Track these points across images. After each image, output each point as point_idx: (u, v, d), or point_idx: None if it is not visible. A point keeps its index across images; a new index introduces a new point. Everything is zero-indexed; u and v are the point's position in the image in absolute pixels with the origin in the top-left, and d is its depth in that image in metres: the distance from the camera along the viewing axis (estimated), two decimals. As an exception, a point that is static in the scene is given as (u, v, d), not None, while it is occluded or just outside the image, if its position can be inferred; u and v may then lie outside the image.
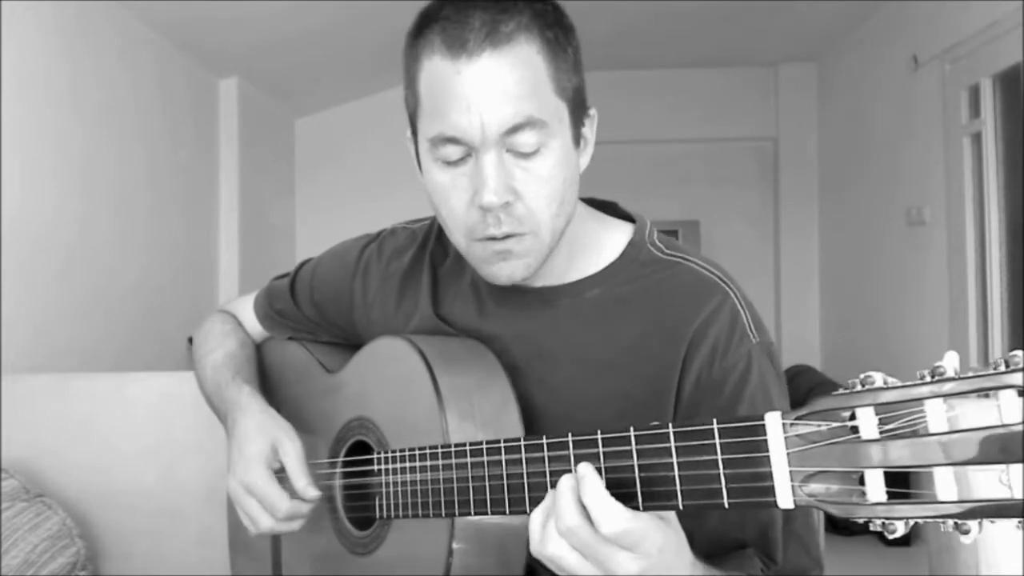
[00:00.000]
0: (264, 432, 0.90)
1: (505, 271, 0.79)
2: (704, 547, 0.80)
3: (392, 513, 0.84)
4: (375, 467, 0.87)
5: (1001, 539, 1.03)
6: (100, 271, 2.56)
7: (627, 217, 0.92)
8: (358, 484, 0.92)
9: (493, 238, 0.76)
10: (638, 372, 0.82)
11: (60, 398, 1.68)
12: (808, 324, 4.36)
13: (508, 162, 0.74)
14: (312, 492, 0.86)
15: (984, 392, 0.45)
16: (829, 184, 4.26)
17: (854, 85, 3.89)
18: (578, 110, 0.80)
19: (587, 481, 0.59)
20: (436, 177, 0.78)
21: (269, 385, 1.10)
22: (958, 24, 2.93)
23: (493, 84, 0.72)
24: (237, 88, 3.46)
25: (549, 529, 0.61)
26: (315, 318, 1.08)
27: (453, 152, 0.75)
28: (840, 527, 3.38)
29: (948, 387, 0.46)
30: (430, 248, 0.98)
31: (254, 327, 1.15)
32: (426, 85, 0.76)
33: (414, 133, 0.82)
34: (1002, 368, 0.44)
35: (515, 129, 0.73)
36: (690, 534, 0.81)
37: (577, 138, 0.80)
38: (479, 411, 0.81)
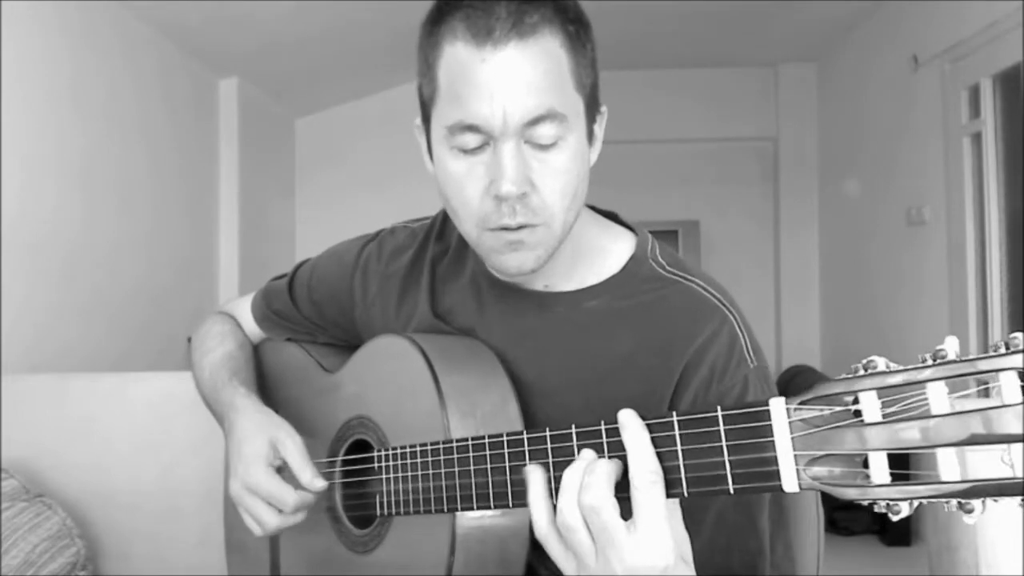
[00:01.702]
0: (261, 431, 0.90)
1: (515, 262, 0.78)
2: None
3: (393, 510, 0.84)
4: (375, 465, 0.87)
5: (1001, 539, 1.03)
6: (101, 271, 2.56)
7: (628, 227, 0.92)
8: (358, 482, 0.92)
9: (507, 228, 0.76)
10: (630, 386, 0.82)
11: (60, 398, 1.68)
12: (808, 324, 4.36)
13: (526, 153, 0.74)
14: (319, 483, 0.86)
15: (985, 374, 0.46)
16: (829, 184, 4.26)
17: (854, 85, 3.89)
18: (592, 106, 0.80)
19: (630, 429, 0.61)
20: (450, 166, 0.77)
21: (268, 386, 1.10)
22: (958, 24, 2.93)
23: (518, 75, 0.72)
24: (237, 88, 3.46)
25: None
26: (313, 318, 1.08)
27: (471, 140, 0.74)
28: (840, 527, 3.38)
29: (949, 370, 0.47)
30: (430, 247, 0.98)
31: (252, 328, 1.15)
32: (446, 71, 0.75)
33: (425, 121, 0.81)
34: (1002, 350, 0.45)
35: (536, 121, 0.73)
36: None
37: (589, 134, 0.81)
38: (480, 409, 0.81)
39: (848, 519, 3.39)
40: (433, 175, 0.83)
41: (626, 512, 0.60)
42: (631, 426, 0.60)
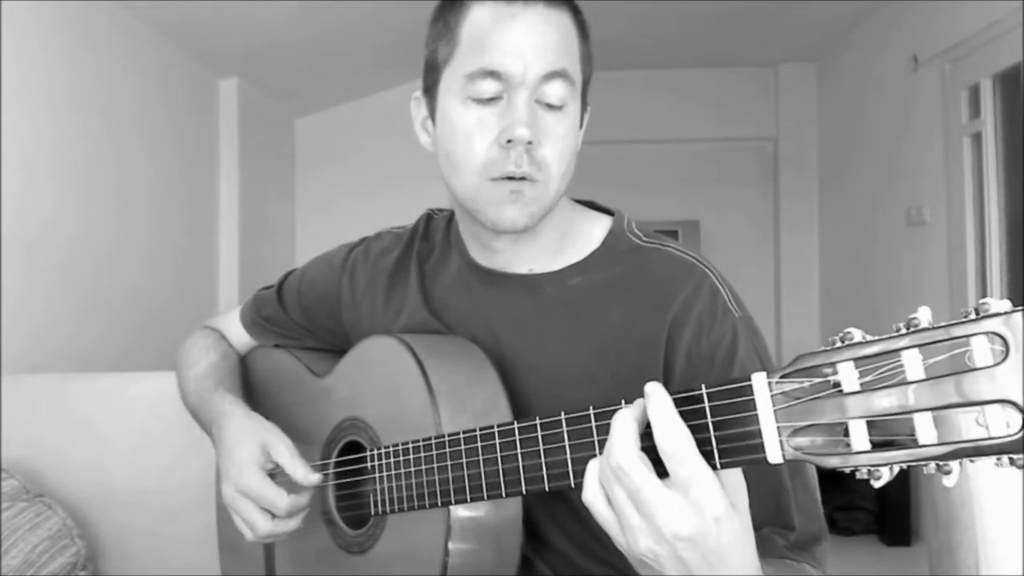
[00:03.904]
0: (251, 435, 0.90)
1: (511, 214, 0.81)
2: None
3: (387, 508, 0.84)
4: (368, 464, 0.87)
5: (1001, 539, 1.03)
6: (101, 271, 2.56)
7: (606, 212, 0.95)
8: (352, 483, 0.92)
9: (511, 177, 0.79)
10: (623, 353, 0.84)
11: (60, 398, 1.68)
12: (808, 324, 4.36)
13: (535, 110, 0.80)
14: (313, 477, 0.86)
15: (957, 340, 0.47)
16: (829, 184, 4.27)
17: (854, 85, 3.89)
18: (584, 96, 0.86)
19: (654, 397, 0.57)
20: (461, 116, 0.80)
21: (258, 394, 1.10)
22: (958, 24, 2.93)
23: (542, 32, 0.79)
24: (237, 88, 3.46)
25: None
26: (303, 323, 1.09)
27: (488, 88, 0.79)
28: (840, 527, 3.38)
29: (922, 337, 0.48)
30: (416, 245, 1.00)
31: (241, 338, 1.16)
32: (472, 27, 0.80)
33: (428, 92, 0.86)
34: (972, 316, 0.47)
35: (552, 76, 0.79)
36: None
37: (580, 120, 0.86)
38: (470, 405, 0.82)
39: (848, 519, 3.39)
40: (428, 146, 0.88)
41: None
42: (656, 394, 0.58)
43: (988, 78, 2.85)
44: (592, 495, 0.59)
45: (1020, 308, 0.46)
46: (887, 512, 3.27)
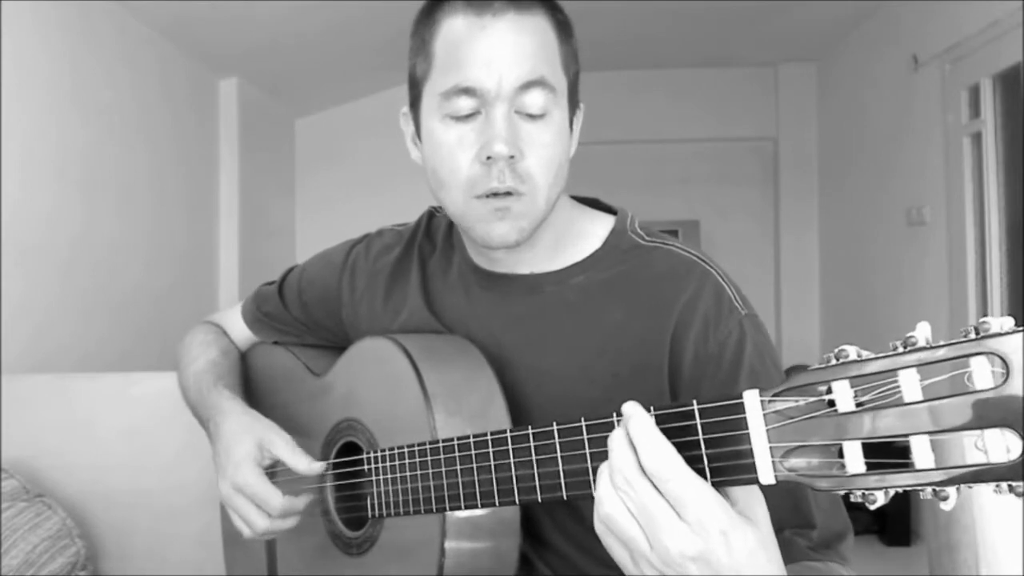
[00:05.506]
0: (249, 432, 0.90)
1: (500, 230, 0.79)
2: None
3: (384, 512, 0.84)
4: (365, 467, 0.87)
5: (1001, 539, 1.03)
6: (101, 271, 2.56)
7: (609, 211, 0.94)
8: (349, 485, 0.92)
9: (495, 194, 0.78)
10: (624, 353, 0.83)
11: (60, 398, 1.68)
12: (808, 324, 4.36)
13: (515, 122, 0.77)
14: (317, 466, 0.86)
15: (956, 360, 0.46)
16: (829, 184, 4.26)
17: (854, 85, 3.89)
18: (574, 96, 0.84)
19: (633, 419, 0.56)
20: (442, 135, 0.79)
21: (257, 391, 1.10)
22: (958, 24, 2.93)
23: (515, 42, 0.76)
24: (237, 88, 3.46)
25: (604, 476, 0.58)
26: (303, 320, 1.09)
27: (465, 106, 0.77)
28: (840, 527, 3.38)
29: (920, 356, 0.47)
30: (418, 243, 0.99)
31: (242, 333, 1.16)
32: (444, 42, 0.78)
33: (413, 107, 0.84)
34: (972, 336, 0.45)
35: (529, 86, 0.76)
36: None
37: (570, 123, 0.84)
38: (466, 406, 0.82)
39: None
40: (419, 161, 0.86)
41: None
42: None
43: (988, 78, 2.85)
44: (600, 528, 0.58)
45: (1021, 328, 0.44)
46: (887, 512, 3.27)
